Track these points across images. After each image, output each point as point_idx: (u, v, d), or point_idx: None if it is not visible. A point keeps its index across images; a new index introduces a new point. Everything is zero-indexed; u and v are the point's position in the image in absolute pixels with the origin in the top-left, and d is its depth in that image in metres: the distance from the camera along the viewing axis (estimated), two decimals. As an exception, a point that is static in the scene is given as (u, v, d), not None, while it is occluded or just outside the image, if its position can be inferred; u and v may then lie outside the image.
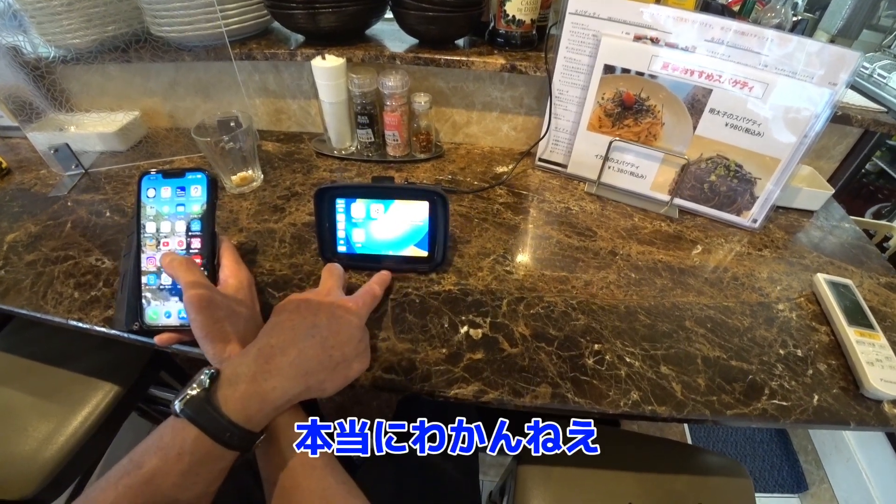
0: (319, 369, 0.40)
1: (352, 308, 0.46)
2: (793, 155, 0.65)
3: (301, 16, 0.73)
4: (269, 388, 0.37)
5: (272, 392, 0.37)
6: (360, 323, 0.45)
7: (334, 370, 0.41)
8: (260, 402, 0.36)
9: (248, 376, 0.37)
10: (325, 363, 0.40)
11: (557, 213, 0.74)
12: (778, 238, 0.72)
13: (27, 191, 0.77)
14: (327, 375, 0.40)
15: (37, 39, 0.77)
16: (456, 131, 0.92)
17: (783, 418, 0.47)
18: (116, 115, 0.89)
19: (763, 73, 0.62)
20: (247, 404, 0.36)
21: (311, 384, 0.39)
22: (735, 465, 0.71)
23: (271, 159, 0.85)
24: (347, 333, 0.43)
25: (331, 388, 0.41)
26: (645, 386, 0.49)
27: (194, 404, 0.35)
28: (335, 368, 0.41)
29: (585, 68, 0.71)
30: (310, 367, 0.39)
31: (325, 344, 0.41)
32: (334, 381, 0.41)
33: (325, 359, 0.40)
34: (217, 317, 0.42)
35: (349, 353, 0.42)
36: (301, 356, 0.39)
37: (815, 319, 0.59)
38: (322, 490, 0.38)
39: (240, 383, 0.36)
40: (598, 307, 0.57)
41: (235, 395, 0.36)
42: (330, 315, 0.43)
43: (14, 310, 0.57)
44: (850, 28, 1.37)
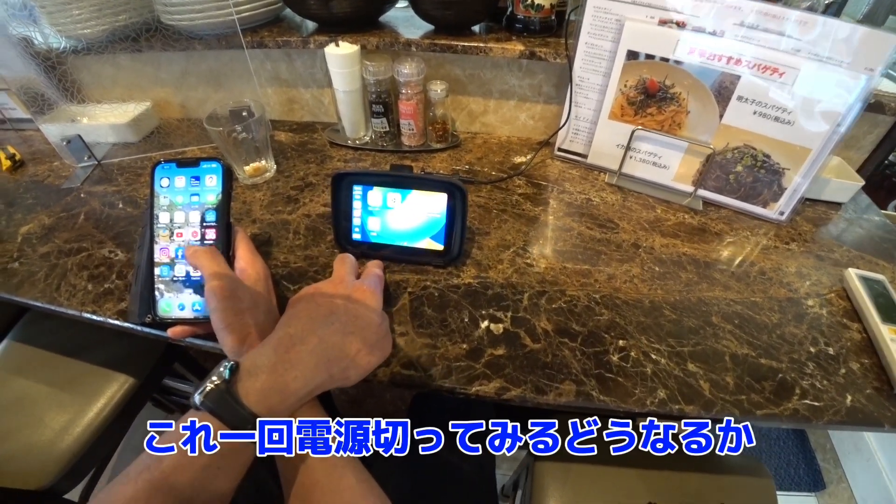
0: (341, 356, 0.39)
1: (366, 292, 0.45)
2: (824, 145, 0.62)
3: (314, 2, 0.72)
4: (290, 378, 0.36)
5: (293, 382, 0.36)
6: (376, 306, 0.44)
7: (356, 357, 0.40)
8: (281, 393, 0.35)
9: (269, 367, 0.36)
10: (347, 350, 0.39)
11: (578, 205, 0.72)
12: (805, 231, 0.70)
13: (41, 182, 0.77)
14: (350, 363, 0.40)
15: (48, 30, 0.77)
16: (472, 120, 0.90)
17: (816, 419, 0.46)
18: (128, 106, 0.89)
19: (795, 59, 0.59)
20: (268, 395, 0.35)
21: (333, 372, 0.38)
22: (756, 463, 0.69)
23: (284, 149, 0.84)
24: (367, 318, 0.42)
25: (354, 376, 0.40)
26: (672, 384, 0.47)
27: (214, 396, 0.34)
28: (357, 355, 0.40)
29: (607, 54, 0.69)
30: (331, 355, 0.39)
31: (344, 330, 0.40)
32: (357, 369, 0.40)
33: (346, 345, 0.39)
34: (239, 308, 0.41)
35: (370, 337, 0.41)
36: (322, 344, 0.38)
37: (847, 316, 0.57)
38: (342, 489, 0.37)
39: (260, 374, 0.35)
40: (622, 301, 0.55)
41: (256, 386, 0.35)
42: (346, 301, 0.43)
43: (29, 302, 0.57)
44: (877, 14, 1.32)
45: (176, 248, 0.48)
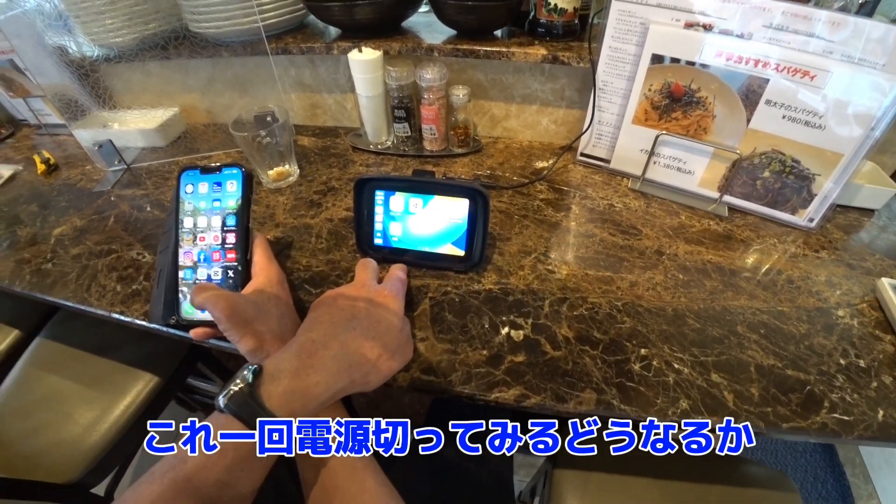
0: (363, 361, 0.40)
1: (388, 296, 0.45)
2: (857, 150, 0.60)
3: (337, 8, 0.73)
4: (311, 382, 0.36)
5: (315, 387, 0.37)
6: (398, 311, 0.45)
7: (377, 362, 0.40)
8: (303, 397, 0.36)
9: (291, 371, 0.36)
10: (369, 355, 0.40)
11: (600, 211, 0.71)
12: (836, 239, 0.68)
13: (73, 186, 0.80)
14: (371, 368, 0.40)
15: (81, 39, 0.80)
16: (494, 125, 0.90)
17: (845, 434, 0.44)
18: (157, 112, 0.91)
19: (826, 61, 0.57)
20: (290, 399, 0.35)
21: (355, 377, 0.39)
22: (781, 476, 0.67)
23: (307, 154, 0.85)
24: (388, 323, 0.43)
25: (375, 381, 0.41)
26: (695, 394, 0.46)
27: (238, 400, 0.34)
28: (378, 360, 0.40)
29: (632, 58, 0.68)
30: (353, 360, 0.39)
31: (366, 335, 0.41)
32: (378, 374, 0.41)
33: (367, 351, 0.40)
34: (244, 320, 0.42)
35: (391, 342, 0.42)
36: (343, 349, 0.39)
37: (879, 327, 0.55)
38: (362, 492, 0.37)
39: (283, 378, 0.36)
40: (645, 309, 0.55)
41: (278, 390, 0.35)
42: (368, 306, 0.43)
43: (61, 301, 0.59)
44: (914, 13, 1.28)
45: (199, 252, 0.49)
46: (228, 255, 0.49)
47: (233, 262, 0.49)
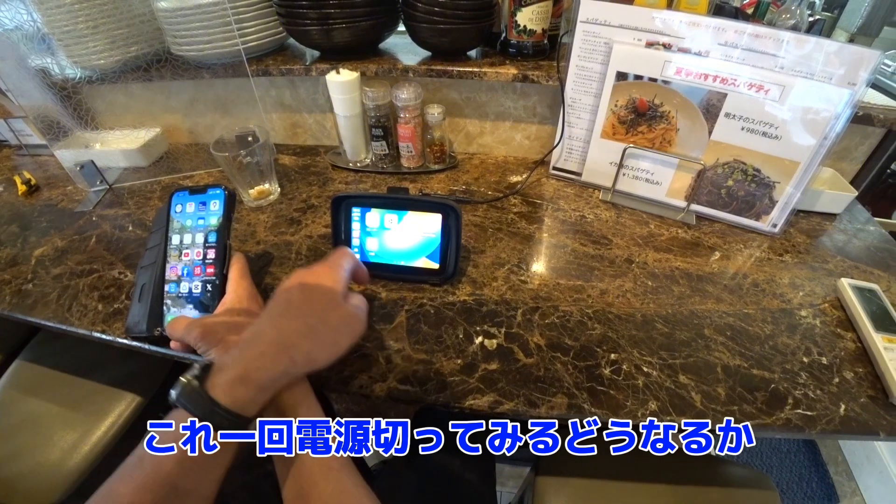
0: (301, 340, 0.40)
1: (321, 273, 0.45)
2: (812, 157, 0.63)
3: (316, 31, 0.75)
4: (252, 368, 0.37)
5: (256, 372, 0.37)
6: (333, 286, 0.44)
7: (318, 338, 0.41)
8: (245, 384, 0.37)
9: (233, 362, 0.38)
10: (305, 332, 0.40)
11: (572, 222, 0.73)
12: (799, 243, 0.71)
13: (54, 206, 0.80)
14: (312, 345, 0.40)
15: (64, 61, 0.81)
16: (470, 142, 0.92)
17: (808, 429, 0.46)
18: (139, 132, 0.92)
19: (779, 76, 0.61)
20: (234, 388, 0.36)
21: (295, 357, 0.39)
22: (761, 476, 0.69)
23: (288, 172, 0.86)
24: (323, 300, 0.43)
25: (322, 359, 0.41)
26: (663, 396, 0.48)
27: (188, 392, 0.36)
28: (318, 336, 0.41)
29: (598, 76, 0.71)
30: (289, 341, 0.39)
31: (299, 314, 0.41)
32: (323, 350, 0.41)
33: (303, 328, 0.40)
34: (216, 339, 0.43)
35: (331, 319, 0.42)
36: (280, 334, 0.40)
37: (841, 326, 0.57)
38: (339, 493, 0.38)
39: (227, 370, 0.37)
40: (615, 316, 0.57)
41: (222, 380, 0.36)
42: (300, 287, 0.43)
43: (41, 322, 0.59)
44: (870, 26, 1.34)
45: (183, 267, 0.52)
46: (208, 270, 0.52)
47: (212, 276, 0.52)
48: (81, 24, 0.76)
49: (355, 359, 0.51)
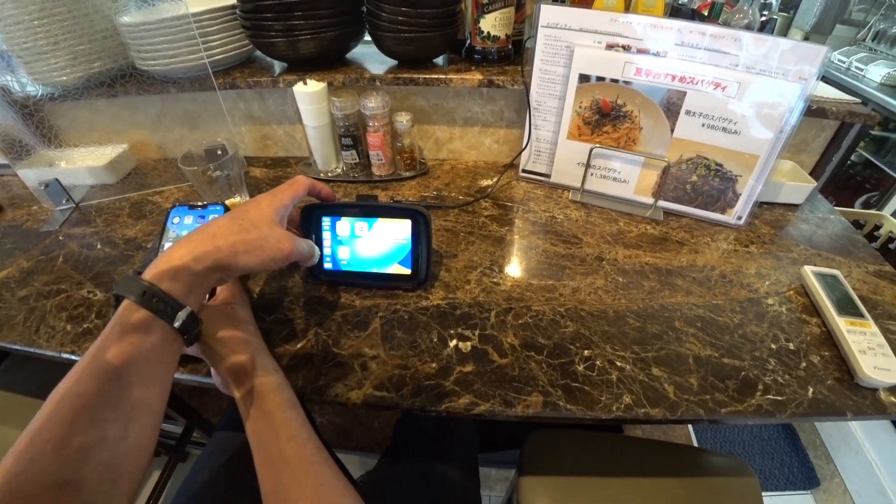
0: (227, 233, 0.41)
1: (261, 197, 0.47)
2: (771, 150, 0.66)
3: (282, 43, 0.75)
4: (176, 256, 0.39)
5: (177, 251, 0.39)
6: (270, 202, 0.46)
7: (243, 233, 0.42)
8: (169, 264, 0.38)
9: (163, 257, 0.39)
10: (233, 228, 0.42)
11: (543, 223, 0.74)
12: (764, 233, 0.73)
13: (19, 227, 0.78)
14: (238, 238, 0.42)
15: (25, 78, 0.79)
16: (440, 147, 0.93)
17: (779, 413, 0.47)
18: (105, 149, 0.90)
19: (735, 73, 0.63)
20: (160, 270, 0.38)
21: (220, 245, 0.40)
22: (740, 464, 0.70)
23: (259, 185, 0.86)
24: (257, 211, 0.45)
25: (247, 258, 0.42)
26: (637, 389, 0.49)
27: (124, 282, 0.37)
28: (244, 232, 0.42)
29: (561, 79, 0.72)
30: (217, 231, 0.41)
31: (232, 217, 0.43)
32: (248, 250, 0.42)
33: (232, 226, 0.42)
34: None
35: (262, 226, 0.44)
36: (207, 227, 0.42)
37: (806, 312, 0.59)
38: (318, 485, 0.38)
39: (160, 262, 0.39)
40: (587, 313, 0.57)
41: (154, 271, 0.38)
42: (240, 205, 0.46)
43: (7, 346, 0.57)
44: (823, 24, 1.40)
45: None
46: None
47: None
48: (41, 40, 0.74)
49: (330, 367, 0.51)
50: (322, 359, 0.52)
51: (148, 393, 0.36)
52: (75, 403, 0.32)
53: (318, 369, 0.51)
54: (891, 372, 0.49)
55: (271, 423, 0.41)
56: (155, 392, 0.37)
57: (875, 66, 1.63)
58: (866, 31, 1.69)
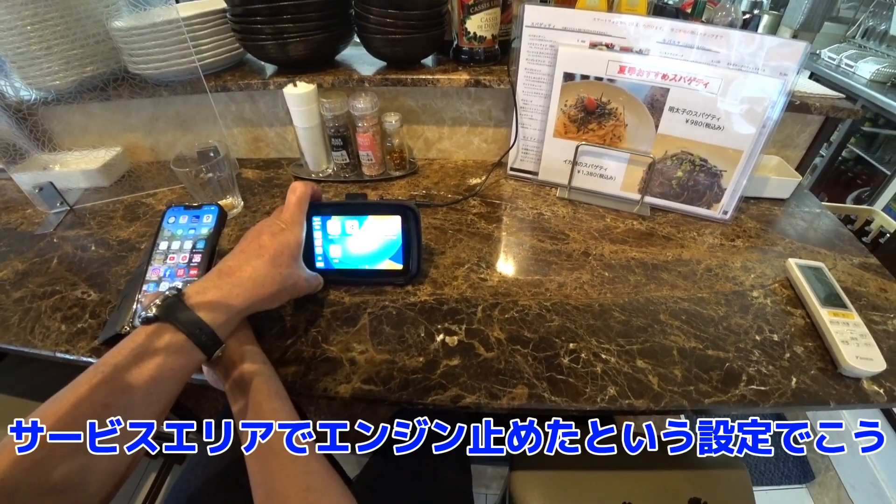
0: (272, 283, 0.47)
1: (287, 221, 0.51)
2: (754, 145, 0.67)
3: (271, 46, 0.76)
4: (233, 295, 0.43)
5: (235, 299, 0.43)
6: (297, 237, 0.51)
7: (282, 286, 0.48)
8: (227, 307, 0.43)
9: (215, 287, 0.43)
10: (276, 278, 0.47)
11: (530, 220, 0.75)
12: (750, 228, 0.74)
13: (14, 230, 0.79)
14: (276, 290, 0.47)
15: (18, 83, 0.80)
16: (429, 147, 0.94)
17: (762, 403, 0.48)
18: (99, 152, 0.91)
19: (717, 70, 0.64)
20: (215, 308, 0.42)
21: (264, 295, 0.46)
22: (731, 458, 0.71)
23: (251, 186, 0.87)
24: (288, 253, 0.49)
25: (279, 301, 0.50)
26: (621, 381, 0.50)
27: (168, 306, 0.40)
28: (282, 284, 0.48)
29: (546, 77, 0.73)
30: (265, 281, 0.46)
31: (273, 263, 0.47)
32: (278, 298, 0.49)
33: (276, 275, 0.47)
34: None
35: (293, 272, 0.50)
36: (255, 272, 0.46)
37: (790, 304, 0.60)
38: (305, 473, 0.39)
39: (208, 292, 0.43)
40: (573, 307, 0.58)
41: (205, 300, 0.42)
42: (271, 234, 0.49)
43: (3, 346, 0.58)
44: (812, 21, 1.41)
45: (166, 269, 0.56)
46: (192, 272, 0.56)
47: (194, 277, 0.55)
48: (34, 45, 0.75)
49: (319, 362, 0.52)
50: (312, 354, 0.53)
51: (158, 407, 0.39)
52: (99, 413, 0.35)
53: (307, 364, 0.52)
54: (873, 361, 0.50)
55: (259, 413, 0.41)
56: (165, 404, 0.40)
57: (864, 62, 1.65)
58: (855, 29, 1.70)
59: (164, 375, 0.38)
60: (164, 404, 0.39)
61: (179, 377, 0.40)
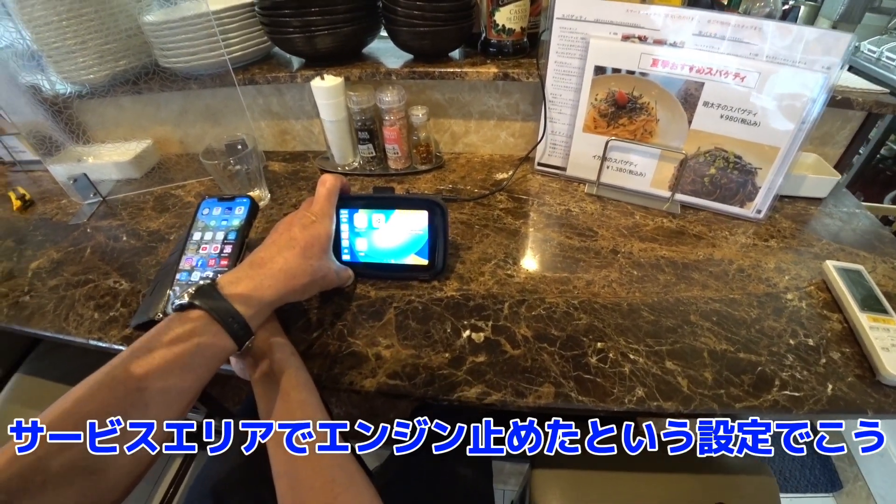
0: (303, 275, 0.47)
1: (318, 213, 0.51)
2: (792, 142, 0.64)
3: (299, 39, 0.76)
4: (265, 286, 0.44)
5: (268, 290, 0.44)
6: (326, 231, 0.51)
7: (313, 277, 0.49)
8: (259, 297, 0.43)
9: (248, 278, 0.44)
10: (307, 270, 0.48)
11: (558, 216, 0.74)
12: (785, 227, 0.72)
13: (49, 220, 0.81)
14: (308, 281, 0.48)
15: (54, 77, 0.82)
16: (455, 141, 0.94)
17: (796, 409, 0.47)
18: (130, 145, 0.93)
19: (755, 63, 0.62)
20: (248, 298, 0.42)
21: (295, 287, 0.47)
22: (757, 463, 0.69)
23: (278, 178, 0.88)
24: (319, 246, 0.50)
25: (308, 293, 0.50)
26: (650, 382, 0.49)
27: (204, 294, 0.41)
28: (313, 276, 0.49)
29: (576, 71, 0.72)
30: (296, 273, 0.47)
31: (304, 255, 0.48)
32: (308, 290, 0.49)
33: (307, 267, 0.48)
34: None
35: (323, 264, 0.50)
36: (286, 264, 0.46)
37: (827, 307, 0.58)
38: (330, 466, 0.40)
39: (241, 282, 0.43)
40: (601, 306, 0.57)
41: (238, 290, 0.42)
42: (301, 227, 0.49)
43: (39, 332, 0.60)
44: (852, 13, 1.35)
45: (198, 259, 0.57)
46: (222, 262, 0.56)
47: (224, 268, 0.56)
48: (70, 40, 0.77)
49: (345, 356, 0.52)
50: (337, 348, 0.53)
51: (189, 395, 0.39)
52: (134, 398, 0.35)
53: (333, 358, 0.52)
54: (914, 370, 0.48)
55: (287, 403, 0.42)
56: (196, 391, 0.40)
57: (908, 56, 1.57)
58: (898, 20, 1.62)
59: (195, 362, 0.38)
60: (195, 392, 0.40)
61: (210, 365, 0.40)
